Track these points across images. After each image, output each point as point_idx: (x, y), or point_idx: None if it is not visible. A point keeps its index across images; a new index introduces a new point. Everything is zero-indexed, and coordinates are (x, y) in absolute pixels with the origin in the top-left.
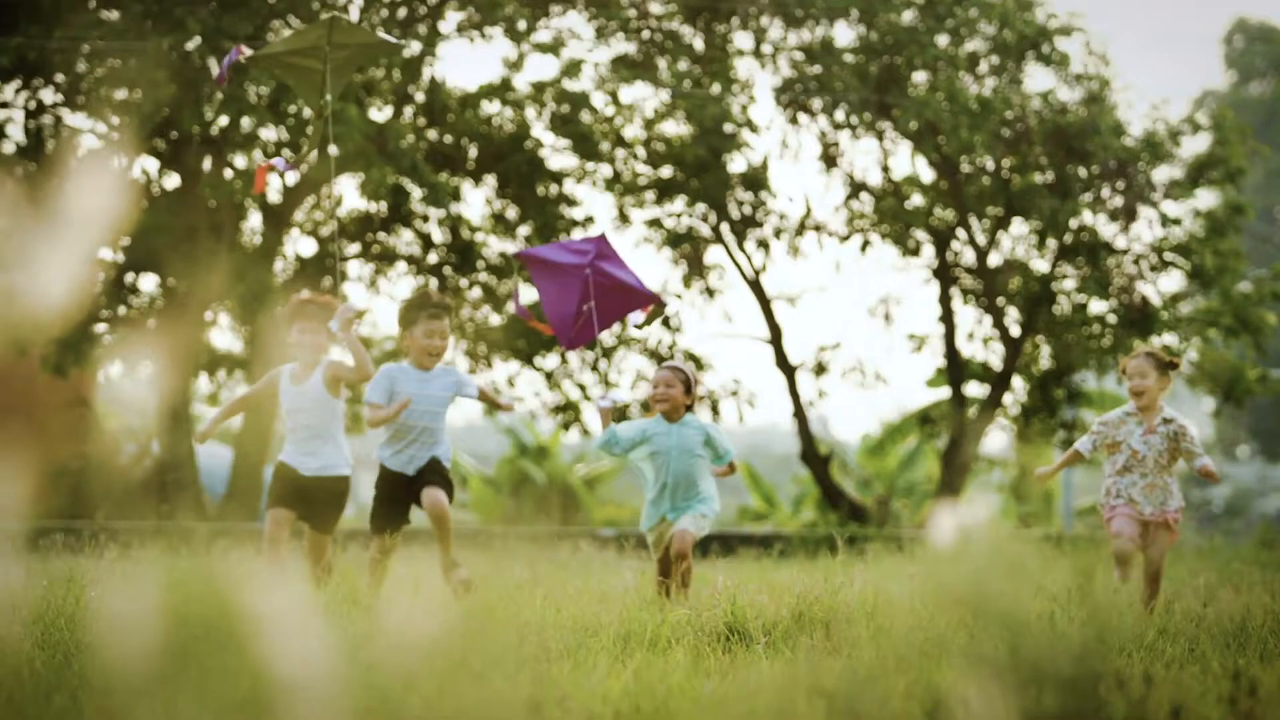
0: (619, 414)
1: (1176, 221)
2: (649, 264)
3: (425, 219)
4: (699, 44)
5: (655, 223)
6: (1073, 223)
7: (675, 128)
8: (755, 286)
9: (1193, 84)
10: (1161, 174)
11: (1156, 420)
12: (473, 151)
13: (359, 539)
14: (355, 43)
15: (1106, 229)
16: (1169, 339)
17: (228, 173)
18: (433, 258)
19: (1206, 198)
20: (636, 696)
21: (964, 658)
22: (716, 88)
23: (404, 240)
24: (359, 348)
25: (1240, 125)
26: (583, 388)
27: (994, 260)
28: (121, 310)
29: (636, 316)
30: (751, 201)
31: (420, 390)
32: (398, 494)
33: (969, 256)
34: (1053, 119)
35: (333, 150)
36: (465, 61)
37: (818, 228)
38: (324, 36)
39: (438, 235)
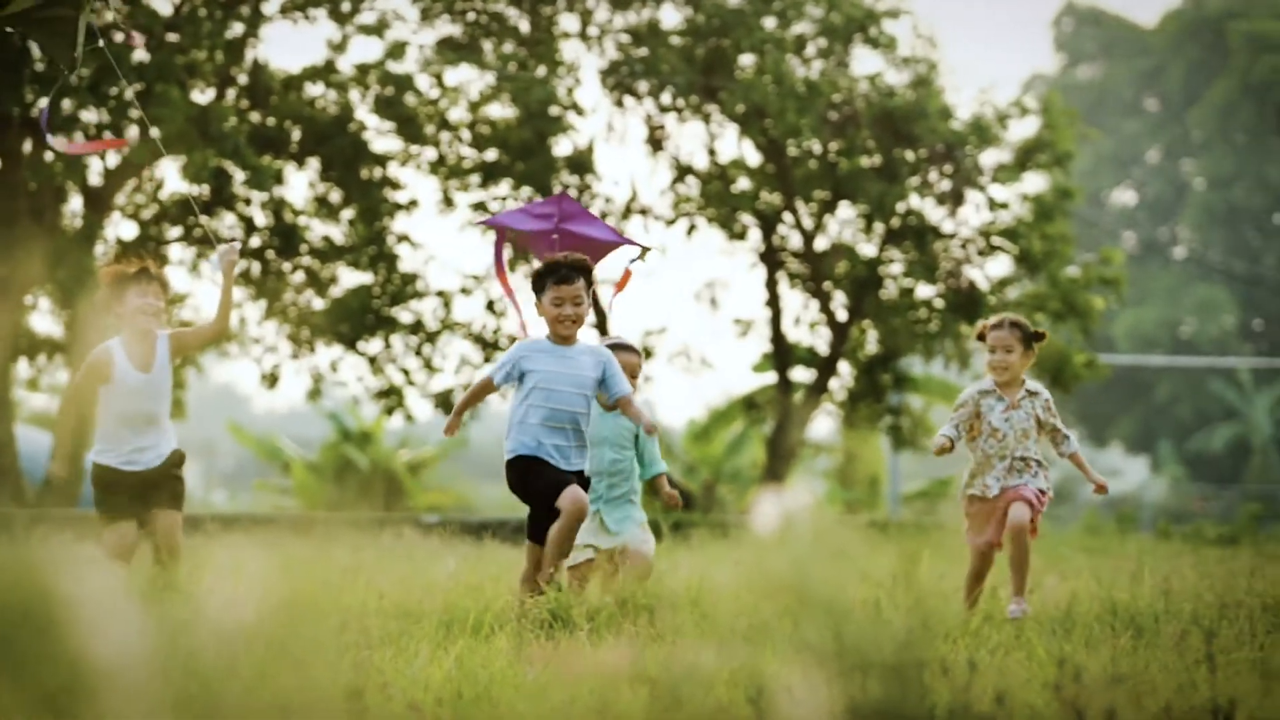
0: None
1: (1004, 206)
2: (475, 249)
3: (248, 202)
4: (524, 26)
5: (480, 206)
6: (900, 206)
7: (500, 111)
8: None
9: (1022, 67)
10: (989, 158)
11: (1019, 394)
12: (296, 134)
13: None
14: None
15: (934, 213)
16: None
17: (48, 155)
18: (255, 241)
19: (1034, 182)
20: (458, 683)
21: (788, 645)
22: (542, 70)
23: (226, 224)
24: (230, 294)
25: (1069, 109)
26: (406, 373)
27: (821, 244)
28: None
29: (628, 253)
30: (577, 185)
31: (559, 369)
32: (552, 468)
33: (796, 240)
34: (880, 102)
35: (154, 132)
36: (289, 43)
37: (643, 211)
38: None
39: (260, 219)
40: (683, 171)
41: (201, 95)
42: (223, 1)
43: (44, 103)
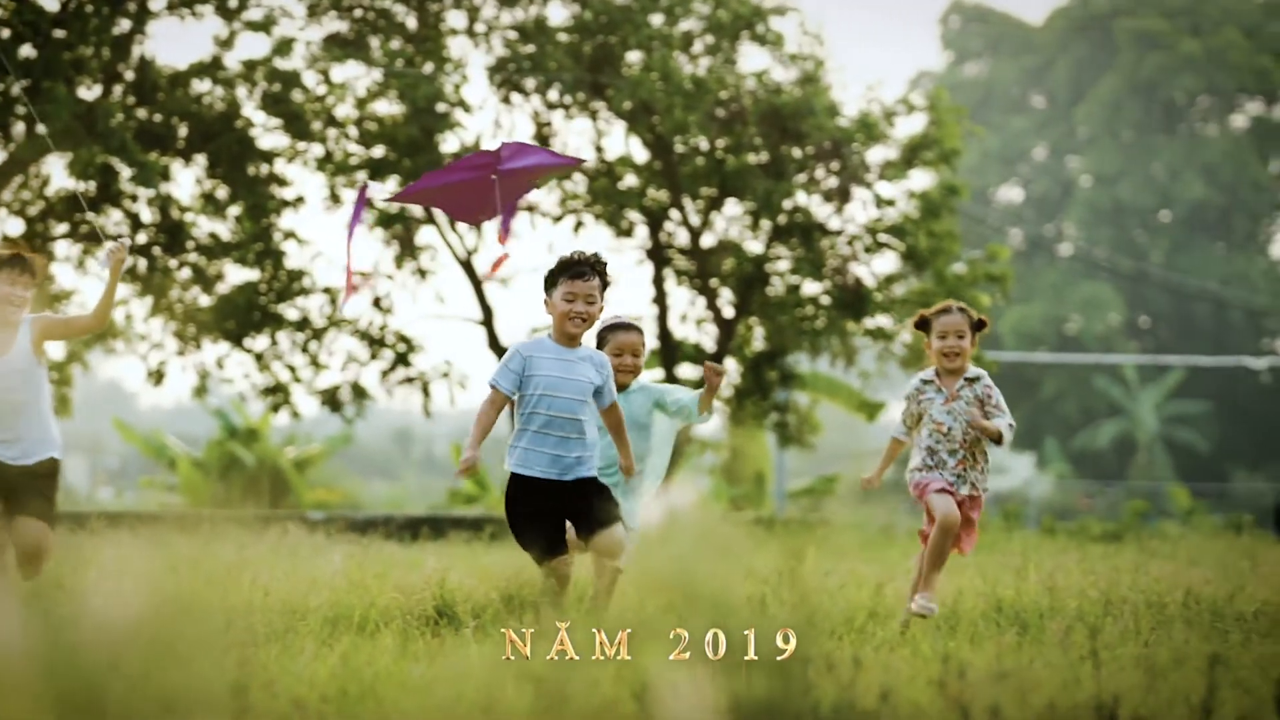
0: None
1: (890, 203)
2: (361, 245)
3: (134, 198)
4: (412, 22)
5: (367, 203)
6: (786, 204)
7: (387, 107)
8: (467, 268)
9: (909, 64)
10: (876, 155)
11: (957, 384)
12: (183, 130)
13: (64, 522)
14: None
15: (820, 210)
16: (882, 320)
17: None
18: (142, 237)
19: (921, 179)
20: (343, 680)
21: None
22: (429, 67)
23: (113, 220)
24: (113, 293)
25: (955, 106)
26: (293, 370)
27: (708, 241)
28: None
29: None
30: None
31: (562, 374)
32: (547, 507)
33: (683, 237)
34: (767, 99)
35: (41, 129)
36: (176, 39)
37: (530, 208)
38: None
39: (147, 215)
40: None
41: (88, 91)
42: None
43: None
